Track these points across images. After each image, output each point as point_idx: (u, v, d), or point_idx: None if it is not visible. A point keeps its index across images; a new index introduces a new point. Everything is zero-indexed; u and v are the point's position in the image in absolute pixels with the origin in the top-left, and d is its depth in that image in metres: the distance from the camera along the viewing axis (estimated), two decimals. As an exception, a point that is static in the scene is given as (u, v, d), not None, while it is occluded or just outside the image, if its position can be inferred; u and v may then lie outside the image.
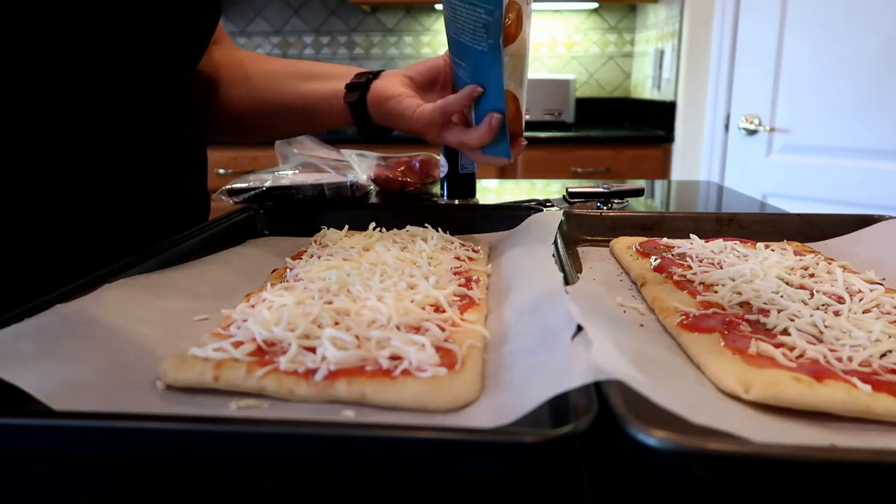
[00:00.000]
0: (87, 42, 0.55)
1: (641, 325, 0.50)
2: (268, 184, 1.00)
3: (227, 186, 1.00)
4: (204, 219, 0.77)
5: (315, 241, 0.68)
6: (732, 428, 0.30)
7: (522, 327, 0.45)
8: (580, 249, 0.71)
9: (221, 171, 2.53)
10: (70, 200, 0.57)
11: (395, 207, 0.85)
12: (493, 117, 0.62)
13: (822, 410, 0.36)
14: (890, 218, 0.70)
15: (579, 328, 0.37)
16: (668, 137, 2.53)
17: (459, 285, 0.52)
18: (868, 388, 0.36)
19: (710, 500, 0.29)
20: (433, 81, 0.73)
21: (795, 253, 0.62)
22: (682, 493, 0.29)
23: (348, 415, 0.36)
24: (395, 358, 0.39)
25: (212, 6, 0.72)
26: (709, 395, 0.38)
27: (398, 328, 0.43)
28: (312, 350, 0.40)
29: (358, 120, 0.75)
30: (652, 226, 0.75)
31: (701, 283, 0.54)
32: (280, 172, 1.08)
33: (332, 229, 0.71)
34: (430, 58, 0.74)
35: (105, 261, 0.55)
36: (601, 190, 1.00)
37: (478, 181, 1.09)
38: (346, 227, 0.72)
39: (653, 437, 0.28)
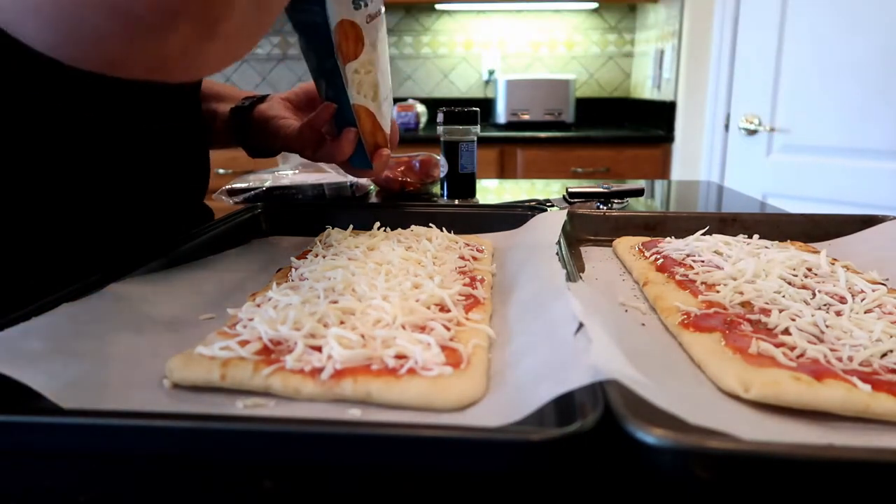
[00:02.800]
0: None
1: (643, 325, 0.51)
2: (268, 184, 1.00)
3: (227, 186, 1.00)
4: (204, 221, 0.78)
5: (320, 241, 0.68)
6: (731, 428, 0.31)
7: (527, 326, 0.45)
8: (583, 249, 0.72)
9: (221, 171, 2.53)
10: (75, 208, 0.58)
11: (399, 207, 0.85)
12: (348, 131, 0.66)
13: (821, 410, 0.36)
14: (894, 218, 0.70)
15: (581, 326, 0.37)
16: (668, 137, 2.53)
17: (464, 285, 0.52)
18: (868, 387, 0.36)
19: (709, 499, 0.29)
20: (310, 101, 0.78)
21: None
22: (682, 491, 0.30)
23: (354, 414, 0.36)
24: (400, 357, 0.39)
25: None
26: (708, 395, 0.39)
27: (403, 327, 0.43)
28: (318, 349, 0.40)
29: (240, 142, 0.80)
30: (655, 226, 0.75)
31: (703, 283, 0.54)
32: (280, 172, 1.09)
33: (336, 229, 0.71)
34: (309, 82, 0.78)
35: (108, 261, 0.55)
36: (601, 190, 1.00)
37: (478, 181, 1.09)
38: (351, 226, 0.73)
39: (652, 436, 0.28)
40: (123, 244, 0.60)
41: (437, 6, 3.01)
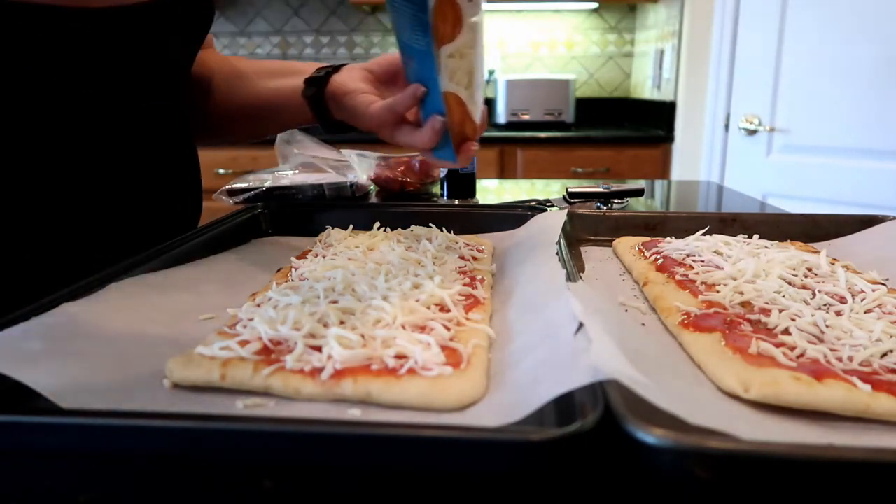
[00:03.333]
0: (85, 48, 0.55)
1: (643, 325, 0.51)
2: (268, 184, 1.01)
3: (227, 186, 1.00)
4: (196, 216, 0.78)
5: (320, 241, 0.68)
6: (731, 428, 0.31)
7: (527, 326, 0.45)
8: (583, 249, 0.72)
9: (221, 171, 2.53)
10: (67, 200, 0.58)
11: (399, 207, 0.85)
12: (435, 119, 0.60)
13: (821, 410, 0.36)
14: (894, 218, 0.70)
15: (581, 326, 0.37)
16: (668, 137, 2.53)
17: (464, 285, 0.52)
18: (868, 387, 0.36)
19: (709, 499, 0.29)
20: (394, 76, 0.71)
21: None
22: (682, 491, 0.30)
23: (354, 413, 0.36)
24: (400, 357, 0.39)
25: (207, 11, 0.72)
26: (708, 395, 0.39)
27: (403, 327, 0.43)
28: (318, 349, 0.40)
29: (317, 115, 0.73)
30: (655, 226, 0.75)
31: (703, 283, 0.54)
32: (280, 172, 1.09)
33: (336, 229, 0.71)
34: (394, 52, 0.70)
35: (105, 260, 0.55)
36: (601, 190, 1.00)
37: (478, 181, 1.09)
38: (351, 226, 0.72)
39: (652, 436, 0.28)
40: (118, 239, 0.60)
41: (437, 6, 3.00)
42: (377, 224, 0.73)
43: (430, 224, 0.72)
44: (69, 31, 0.54)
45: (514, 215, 0.76)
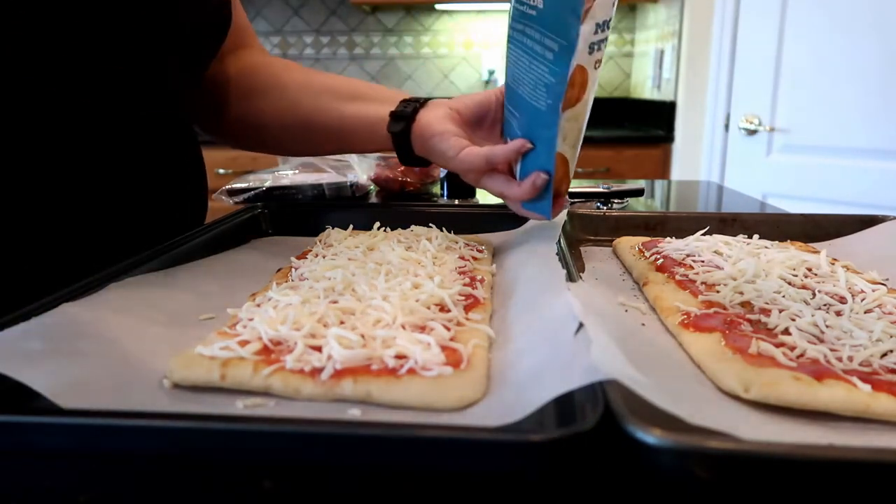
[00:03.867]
0: (89, 48, 0.55)
1: (643, 325, 0.51)
2: (268, 184, 1.01)
3: (227, 186, 1.00)
4: (201, 220, 0.78)
5: (320, 241, 0.68)
6: (731, 428, 0.31)
7: (526, 326, 0.45)
8: (583, 249, 0.72)
9: (221, 171, 2.53)
10: (70, 202, 0.58)
11: (399, 207, 0.85)
12: (538, 177, 0.60)
13: (821, 410, 0.36)
14: (894, 218, 0.70)
15: (581, 326, 0.37)
16: (668, 137, 2.53)
17: (464, 285, 0.52)
18: (868, 387, 0.36)
19: (709, 499, 0.29)
20: (482, 118, 0.70)
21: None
22: (682, 491, 0.30)
23: (354, 413, 0.36)
24: (400, 357, 0.39)
25: (220, 20, 0.71)
26: (708, 395, 0.39)
27: (403, 327, 0.43)
28: (318, 349, 0.40)
29: (400, 150, 0.72)
30: (655, 226, 0.75)
31: (703, 283, 0.54)
32: (280, 172, 1.09)
33: (336, 229, 0.71)
34: (480, 92, 0.71)
35: (107, 261, 0.55)
36: (601, 190, 1.00)
37: (479, 181, 1.09)
38: (351, 226, 0.72)
39: (652, 436, 0.28)
40: (121, 243, 0.60)
41: (437, 6, 3.01)
42: (377, 224, 0.73)
43: (430, 224, 0.72)
44: (81, 35, 0.54)
45: (515, 215, 0.76)
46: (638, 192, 1.01)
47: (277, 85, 0.78)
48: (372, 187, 1.13)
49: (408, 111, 0.70)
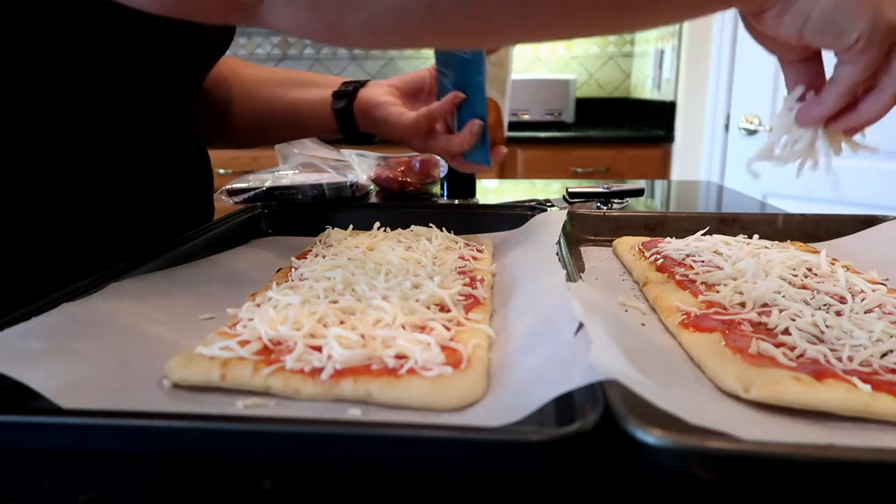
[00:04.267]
0: (99, 53, 0.55)
1: (643, 325, 0.51)
2: (268, 184, 1.01)
3: (227, 186, 1.00)
4: (208, 221, 0.78)
5: (320, 241, 0.68)
6: (731, 428, 0.31)
7: (526, 326, 0.45)
8: (583, 249, 0.72)
9: (221, 171, 2.53)
10: (74, 203, 0.58)
11: (399, 207, 0.85)
12: (474, 123, 0.64)
13: (821, 410, 0.36)
14: (894, 218, 0.70)
15: (581, 326, 0.37)
16: (668, 137, 2.53)
17: (464, 285, 0.52)
18: (868, 387, 0.36)
19: (709, 499, 0.29)
20: (418, 91, 0.75)
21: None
22: (682, 491, 0.30)
23: (354, 413, 0.36)
24: (400, 357, 0.39)
25: (225, 36, 0.73)
26: (708, 395, 0.39)
27: (403, 327, 0.43)
28: (318, 349, 0.40)
29: (344, 126, 0.77)
30: (655, 226, 0.75)
31: (703, 283, 0.54)
32: (280, 172, 1.09)
33: (336, 229, 0.71)
34: (416, 70, 0.77)
35: (110, 261, 0.55)
36: (601, 190, 1.00)
37: (478, 181, 1.09)
38: (351, 226, 0.72)
39: (651, 436, 0.28)
40: (125, 241, 0.60)
41: (437, 6, 3.00)
42: (377, 224, 0.73)
43: (430, 224, 0.72)
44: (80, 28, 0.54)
45: (514, 215, 0.76)
46: (638, 192, 1.01)
47: (236, 76, 0.83)
48: (372, 187, 1.13)
49: (349, 90, 0.76)
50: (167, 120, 0.67)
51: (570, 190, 0.99)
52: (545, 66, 3.12)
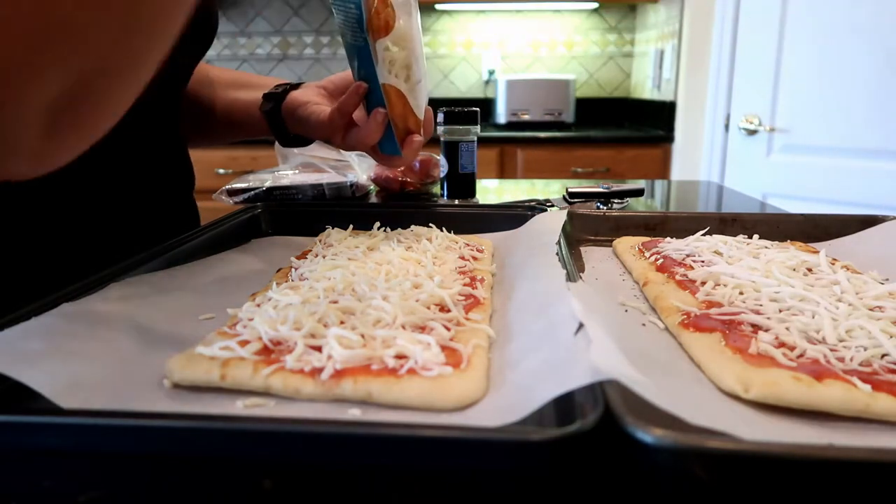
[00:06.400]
0: None
1: (643, 325, 0.51)
2: (268, 184, 1.00)
3: (227, 186, 1.00)
4: (195, 225, 0.78)
5: (320, 241, 0.68)
6: (731, 428, 0.31)
7: (527, 326, 0.45)
8: (583, 249, 0.72)
9: (221, 171, 2.53)
10: (63, 207, 0.57)
11: (399, 207, 0.85)
12: (377, 112, 0.62)
13: (821, 410, 0.36)
14: (894, 218, 0.70)
15: (581, 326, 0.37)
16: (668, 137, 2.53)
17: (464, 285, 0.52)
18: (868, 387, 0.36)
19: (709, 499, 0.29)
20: (346, 90, 0.74)
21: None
22: (682, 491, 0.30)
23: (354, 413, 0.36)
24: (400, 357, 0.39)
25: (213, 25, 0.73)
26: (708, 395, 0.39)
27: (403, 327, 0.43)
28: (318, 349, 0.40)
29: (273, 129, 0.77)
30: (655, 226, 0.75)
31: (703, 283, 0.54)
32: (280, 172, 1.08)
33: (336, 229, 0.71)
34: (347, 69, 0.76)
35: (103, 261, 0.55)
36: (601, 190, 1.00)
37: (478, 181, 1.09)
38: (351, 226, 0.72)
39: (651, 436, 0.28)
40: (112, 242, 0.60)
41: (437, 6, 3.00)
42: (377, 224, 0.73)
43: (430, 224, 0.72)
44: None
45: (514, 215, 0.76)
46: (638, 192, 1.01)
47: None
48: (372, 187, 1.13)
49: (278, 92, 0.75)
50: (149, 119, 0.66)
51: (570, 190, 0.98)
52: (545, 66, 3.12)
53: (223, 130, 0.85)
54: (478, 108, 1.03)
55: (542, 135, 2.59)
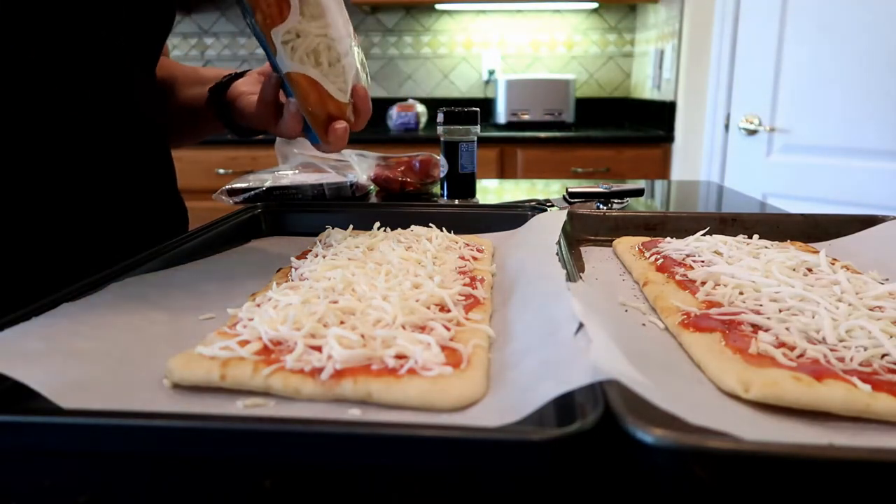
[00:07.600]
0: (53, 44, 0.55)
1: (643, 325, 0.51)
2: (268, 184, 1.00)
3: (226, 186, 1.00)
4: (184, 222, 0.77)
5: (320, 241, 0.68)
6: (731, 428, 0.31)
7: (526, 326, 0.45)
8: (583, 249, 0.72)
9: (221, 171, 2.53)
10: (46, 205, 0.57)
11: (399, 207, 0.85)
12: (289, 102, 0.60)
13: (821, 410, 0.36)
14: (894, 218, 0.70)
15: (581, 326, 0.37)
16: (668, 137, 2.53)
17: (464, 285, 0.52)
18: (868, 387, 0.36)
19: (709, 499, 0.29)
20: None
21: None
22: (682, 491, 0.30)
23: (354, 413, 0.36)
24: (400, 357, 0.39)
25: (168, 7, 0.70)
26: (708, 395, 0.39)
27: (403, 327, 0.43)
28: (318, 349, 0.40)
29: (224, 121, 0.74)
30: (655, 226, 0.75)
31: (703, 283, 0.54)
32: (280, 172, 1.09)
33: (336, 229, 0.71)
34: None
35: (92, 260, 0.55)
36: (601, 190, 1.00)
37: (478, 181, 1.09)
38: (351, 226, 0.72)
39: (651, 435, 0.28)
40: (101, 238, 0.60)
41: (437, 6, 3.00)
42: (377, 224, 0.73)
43: (430, 224, 0.72)
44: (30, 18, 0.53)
45: (514, 215, 0.76)
46: (638, 192, 1.01)
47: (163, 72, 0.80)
48: (372, 187, 1.13)
49: (223, 82, 0.73)
50: (124, 116, 0.65)
51: (570, 190, 0.98)
52: (545, 66, 3.12)
53: (188, 130, 0.83)
54: (478, 108, 1.03)
55: (542, 135, 2.59)
